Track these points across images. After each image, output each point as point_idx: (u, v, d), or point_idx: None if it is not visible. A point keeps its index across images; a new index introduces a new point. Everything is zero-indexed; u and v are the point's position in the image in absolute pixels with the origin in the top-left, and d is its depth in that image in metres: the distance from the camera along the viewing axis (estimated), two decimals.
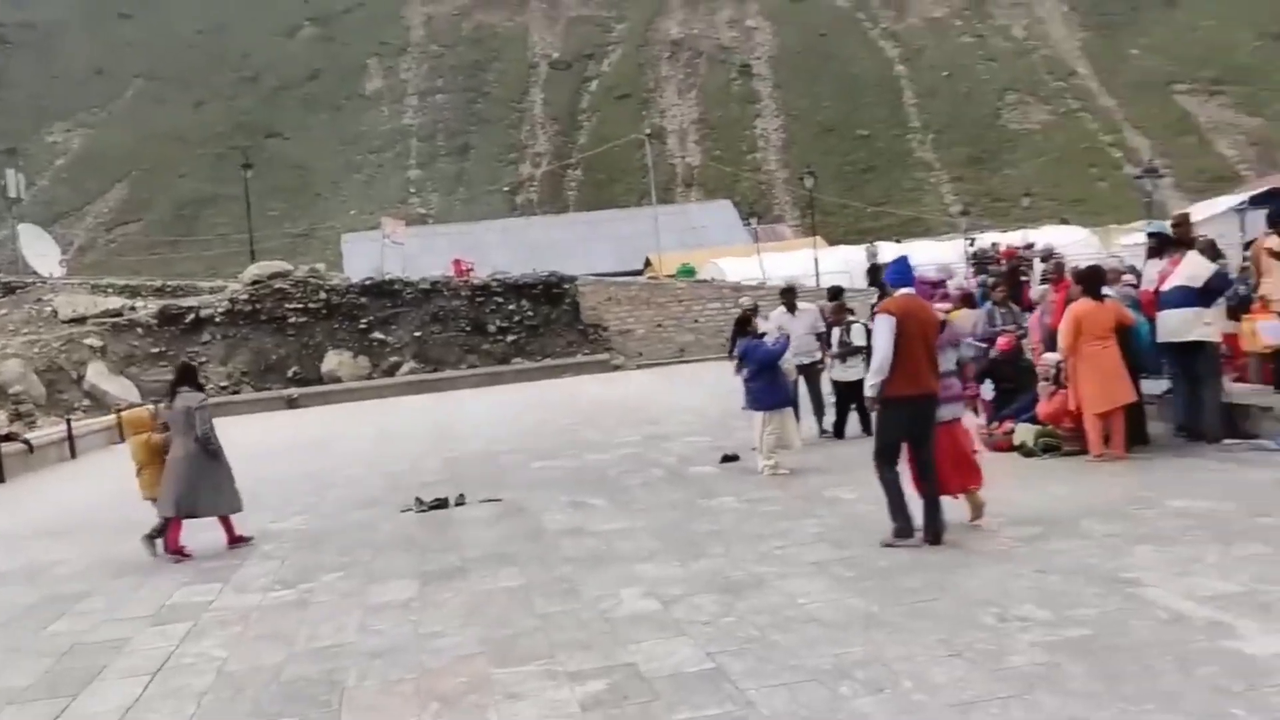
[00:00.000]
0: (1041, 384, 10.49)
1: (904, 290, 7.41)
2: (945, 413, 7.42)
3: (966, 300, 12.74)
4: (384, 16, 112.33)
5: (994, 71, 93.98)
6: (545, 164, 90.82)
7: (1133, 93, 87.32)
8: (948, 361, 7.53)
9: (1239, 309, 10.58)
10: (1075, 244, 32.86)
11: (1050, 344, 10.41)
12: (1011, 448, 10.37)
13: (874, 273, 26.79)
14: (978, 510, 7.57)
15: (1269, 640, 4.81)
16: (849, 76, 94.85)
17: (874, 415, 7.64)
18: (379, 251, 35.06)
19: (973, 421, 7.44)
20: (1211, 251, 10.66)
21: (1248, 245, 13.11)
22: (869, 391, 7.37)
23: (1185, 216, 11.76)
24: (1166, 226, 11.50)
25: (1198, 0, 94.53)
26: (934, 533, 7.16)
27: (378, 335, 29.93)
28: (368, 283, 30.93)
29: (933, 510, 7.21)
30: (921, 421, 7.22)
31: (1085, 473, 9.18)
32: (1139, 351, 10.02)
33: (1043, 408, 10.28)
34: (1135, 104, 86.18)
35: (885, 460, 7.31)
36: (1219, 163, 76.86)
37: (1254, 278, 10.72)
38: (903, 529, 7.22)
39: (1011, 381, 11.06)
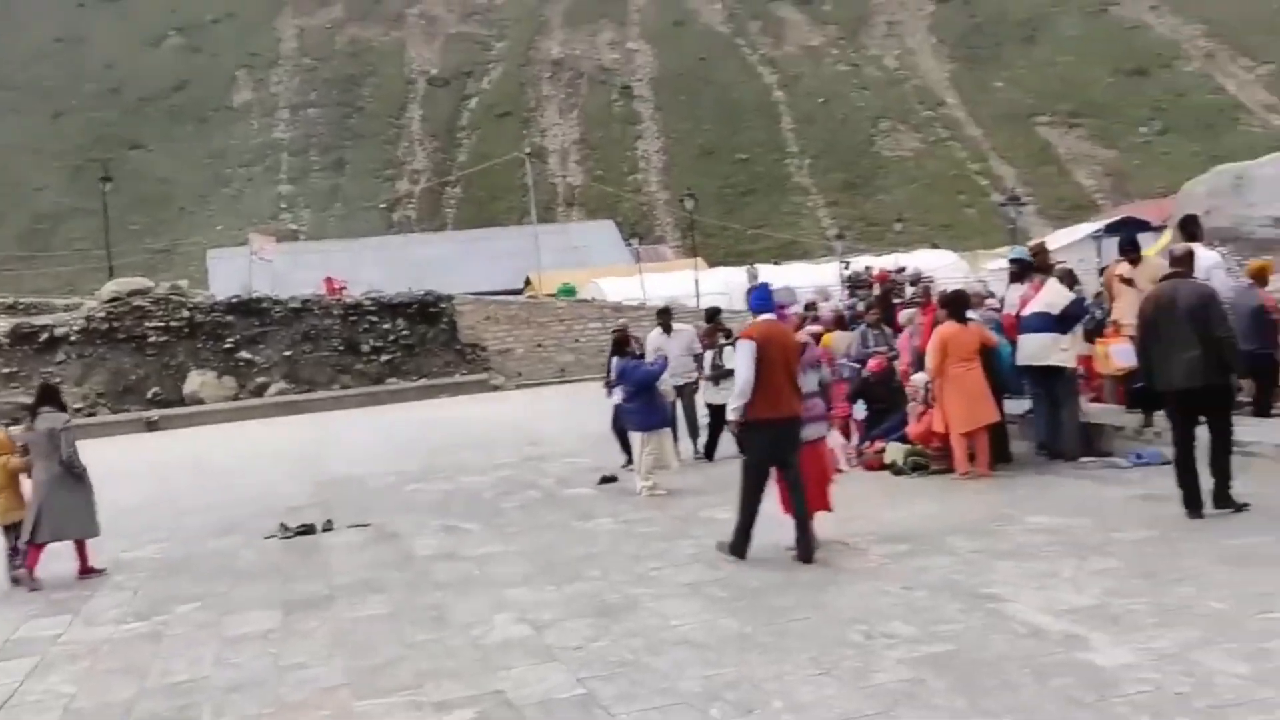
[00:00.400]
0: (910, 404, 10.76)
1: (765, 315, 7.59)
2: (810, 432, 7.56)
3: (839, 323, 13.00)
4: (254, 27, 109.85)
5: (868, 99, 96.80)
6: (424, 181, 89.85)
7: (997, 123, 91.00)
8: (809, 383, 7.67)
9: (1094, 333, 11.05)
10: (945, 268, 34.01)
11: (919, 365, 10.69)
12: (882, 466, 10.59)
13: None
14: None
15: (1118, 652, 4.97)
16: (729, 100, 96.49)
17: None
18: (247, 269, 34.03)
19: (837, 441, 7.63)
20: (1069, 280, 11.07)
21: (1102, 271, 13.69)
22: (730, 415, 7.48)
23: (1042, 245, 12.31)
24: (1028, 253, 11.97)
25: (1056, 38, 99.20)
26: (806, 551, 7.24)
27: (244, 355, 29.01)
28: (234, 300, 29.97)
29: (803, 530, 7.29)
30: (786, 443, 7.32)
31: (952, 490, 9.43)
32: (1001, 373, 10.37)
33: (912, 428, 10.53)
34: (1000, 134, 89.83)
35: (752, 482, 7.38)
36: (1077, 192, 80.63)
37: (1108, 303, 11.20)
38: (737, 547, 7.34)
39: (883, 402, 11.30)
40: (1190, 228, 10.46)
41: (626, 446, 11.45)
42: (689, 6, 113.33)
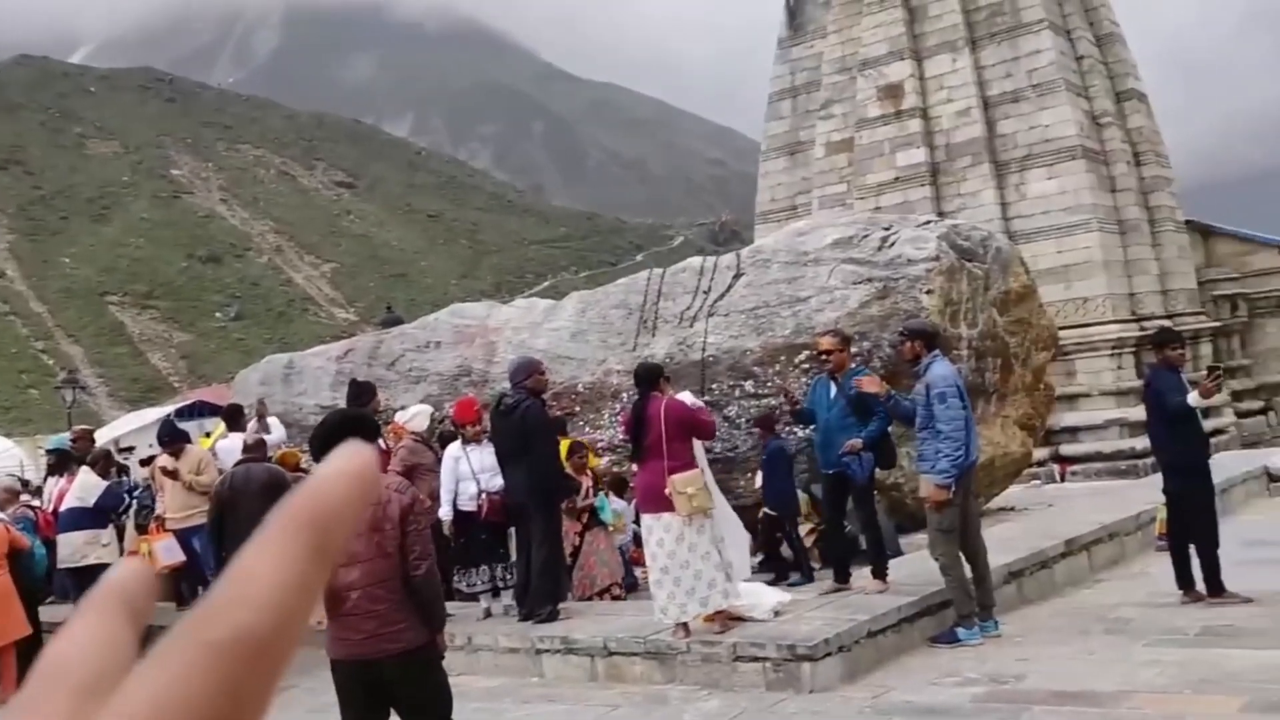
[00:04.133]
0: None
1: None
2: None
3: None
4: None
5: None
6: None
7: (65, 300, 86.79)
8: None
9: (145, 527, 10.60)
10: (2, 455, 30.68)
11: None
12: None
13: None
14: None
15: None
16: None
17: None
18: None
19: None
20: (105, 465, 10.50)
21: (146, 462, 13.14)
22: None
23: (86, 432, 11.62)
24: (68, 442, 11.18)
25: (128, 219, 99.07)
26: None
27: None
28: None
29: None
30: None
31: None
32: (38, 577, 9.36)
33: None
34: (67, 312, 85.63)
35: None
36: (154, 373, 79.93)
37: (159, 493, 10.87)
38: None
39: None
40: (234, 417, 10.72)
41: None
42: None
